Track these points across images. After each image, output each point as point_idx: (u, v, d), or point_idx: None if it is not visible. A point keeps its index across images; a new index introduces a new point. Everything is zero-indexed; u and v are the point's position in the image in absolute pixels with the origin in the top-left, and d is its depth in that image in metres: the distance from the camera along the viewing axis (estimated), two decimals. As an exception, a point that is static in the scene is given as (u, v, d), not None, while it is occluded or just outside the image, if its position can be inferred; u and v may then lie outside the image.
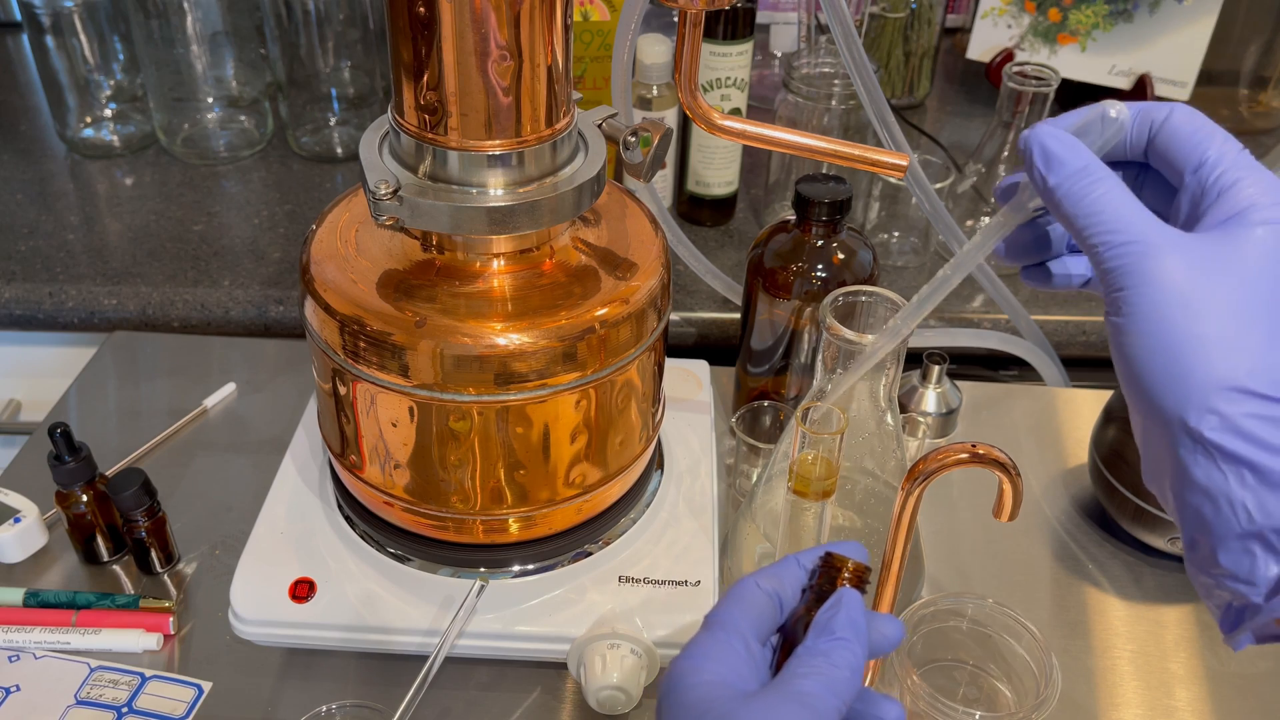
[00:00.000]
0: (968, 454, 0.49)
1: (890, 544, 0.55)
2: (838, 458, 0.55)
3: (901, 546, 0.54)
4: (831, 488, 0.56)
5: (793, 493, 0.57)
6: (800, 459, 0.56)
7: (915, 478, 0.51)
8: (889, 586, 0.56)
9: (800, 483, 0.57)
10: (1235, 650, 0.37)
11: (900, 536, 0.54)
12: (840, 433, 0.54)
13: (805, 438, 0.55)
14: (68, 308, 0.94)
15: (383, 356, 0.54)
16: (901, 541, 0.54)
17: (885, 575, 0.56)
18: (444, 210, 0.52)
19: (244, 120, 1.15)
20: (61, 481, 0.67)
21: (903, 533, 0.54)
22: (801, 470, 0.56)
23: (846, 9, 0.69)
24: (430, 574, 0.63)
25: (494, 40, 0.49)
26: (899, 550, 0.55)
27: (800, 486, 0.57)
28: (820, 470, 0.56)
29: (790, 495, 0.58)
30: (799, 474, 0.56)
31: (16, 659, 0.64)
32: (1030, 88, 0.92)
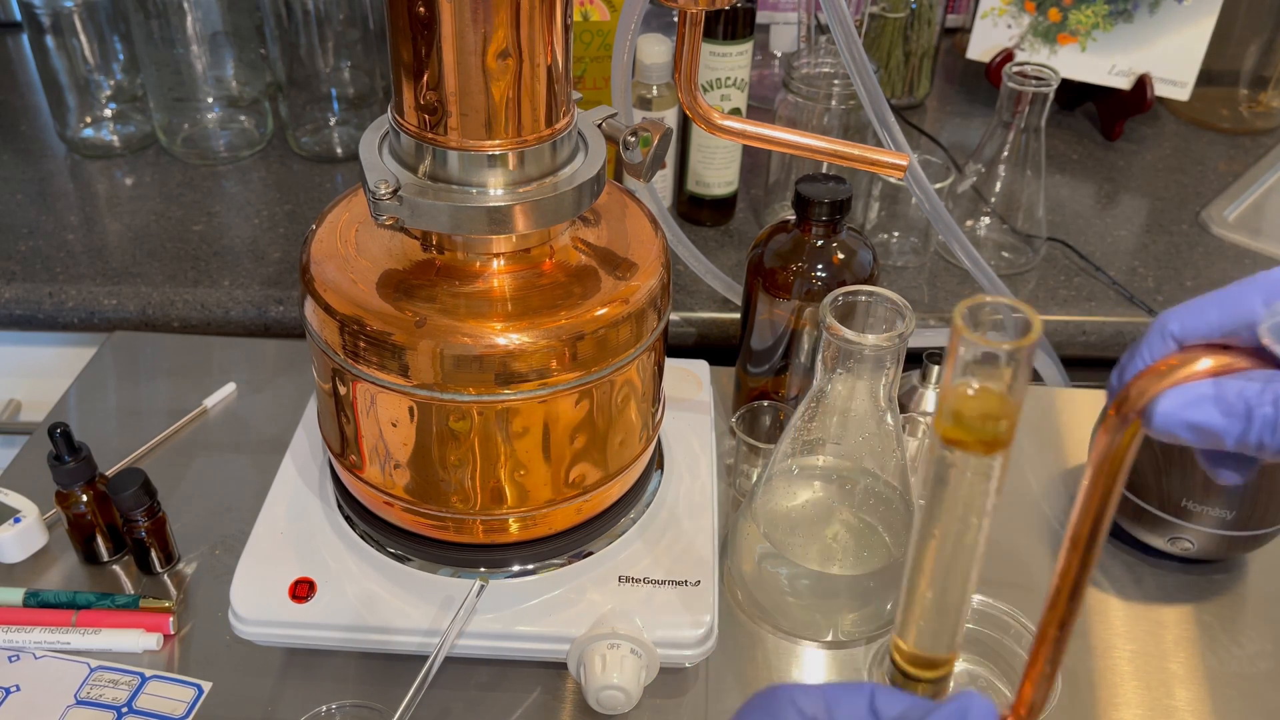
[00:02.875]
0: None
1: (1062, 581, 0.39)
2: (1016, 390, 0.36)
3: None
4: (1006, 434, 0.37)
5: (942, 442, 0.38)
6: (955, 390, 0.37)
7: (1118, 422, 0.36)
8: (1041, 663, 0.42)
9: (956, 423, 0.37)
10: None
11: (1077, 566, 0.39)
12: (1030, 343, 0.35)
13: (970, 354, 0.36)
14: (68, 308, 0.94)
15: (383, 356, 0.54)
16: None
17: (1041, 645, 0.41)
18: (444, 210, 0.52)
19: (244, 120, 1.15)
20: (61, 481, 0.67)
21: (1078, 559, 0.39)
22: (957, 405, 0.37)
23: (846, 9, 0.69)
24: (430, 574, 0.63)
25: (494, 40, 0.49)
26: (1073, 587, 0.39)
27: (954, 430, 0.37)
28: (989, 405, 0.37)
29: (938, 446, 0.39)
30: (954, 409, 0.37)
31: (16, 659, 0.64)
32: (1030, 88, 0.92)
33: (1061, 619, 0.40)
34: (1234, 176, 1.15)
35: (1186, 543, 0.69)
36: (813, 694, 0.36)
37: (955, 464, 0.39)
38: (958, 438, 0.38)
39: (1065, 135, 1.22)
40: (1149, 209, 1.10)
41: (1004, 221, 1.00)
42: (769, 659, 0.66)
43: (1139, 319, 0.94)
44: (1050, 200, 1.08)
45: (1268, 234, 1.06)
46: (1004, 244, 1.01)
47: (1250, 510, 0.66)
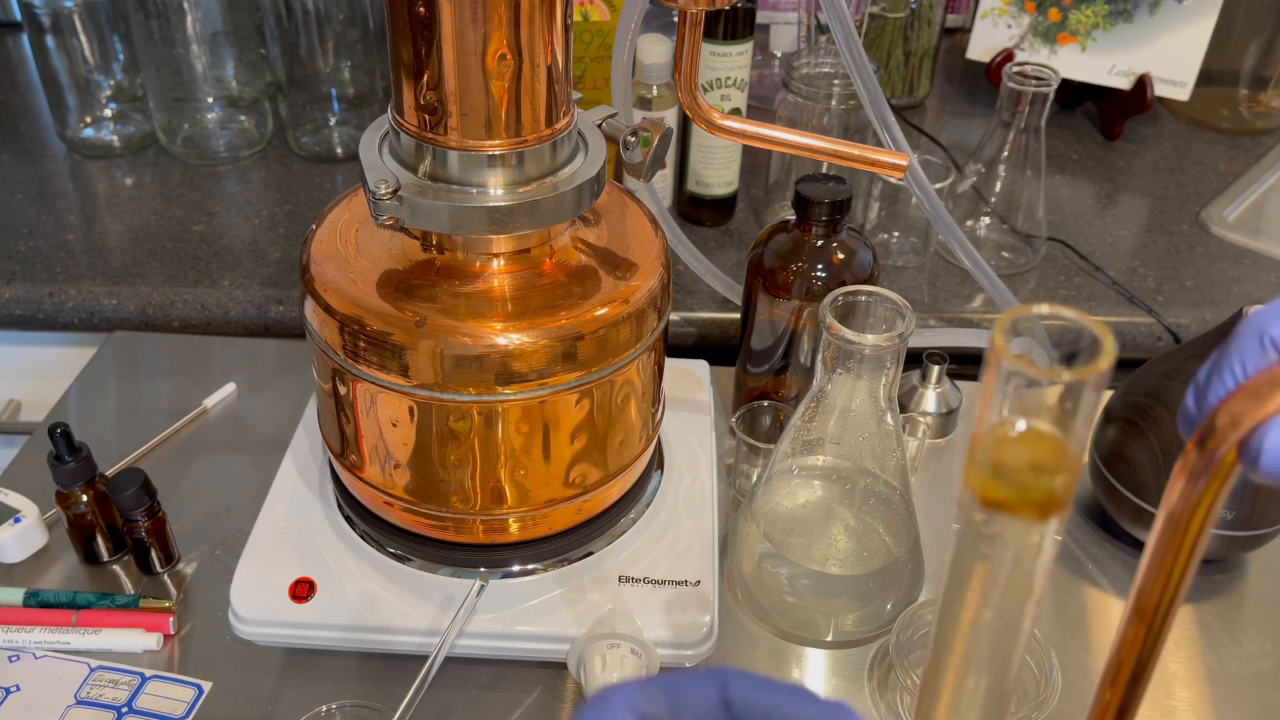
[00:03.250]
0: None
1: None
2: (1078, 432, 0.27)
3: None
4: (1064, 493, 0.28)
5: (978, 504, 0.28)
6: (995, 434, 0.27)
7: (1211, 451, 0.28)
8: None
9: (996, 478, 0.28)
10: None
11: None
12: (1101, 372, 0.26)
13: (1014, 385, 0.26)
14: (68, 308, 0.94)
15: (383, 356, 0.54)
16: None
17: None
18: (444, 210, 0.52)
19: (244, 120, 1.15)
20: (61, 481, 0.67)
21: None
22: (997, 453, 0.27)
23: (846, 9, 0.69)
24: (430, 574, 0.63)
25: (494, 40, 0.49)
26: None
27: (994, 488, 0.28)
28: (1042, 453, 0.27)
29: (971, 510, 0.29)
30: (993, 459, 0.27)
31: (16, 659, 0.64)
32: (1030, 88, 0.92)
33: (1122, 703, 0.32)
34: (1234, 176, 1.15)
35: (1186, 543, 0.69)
36: (653, 691, 0.30)
37: (996, 535, 0.28)
38: (999, 498, 0.27)
39: (1065, 135, 1.22)
40: (1149, 209, 1.10)
41: (1004, 221, 1.00)
42: (769, 659, 0.66)
43: (1139, 319, 0.94)
44: (1050, 200, 1.08)
45: (1268, 234, 1.06)
46: (1004, 244, 1.01)
47: (1250, 510, 0.66)
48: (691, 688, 0.30)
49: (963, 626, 0.33)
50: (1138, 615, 0.30)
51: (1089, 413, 0.27)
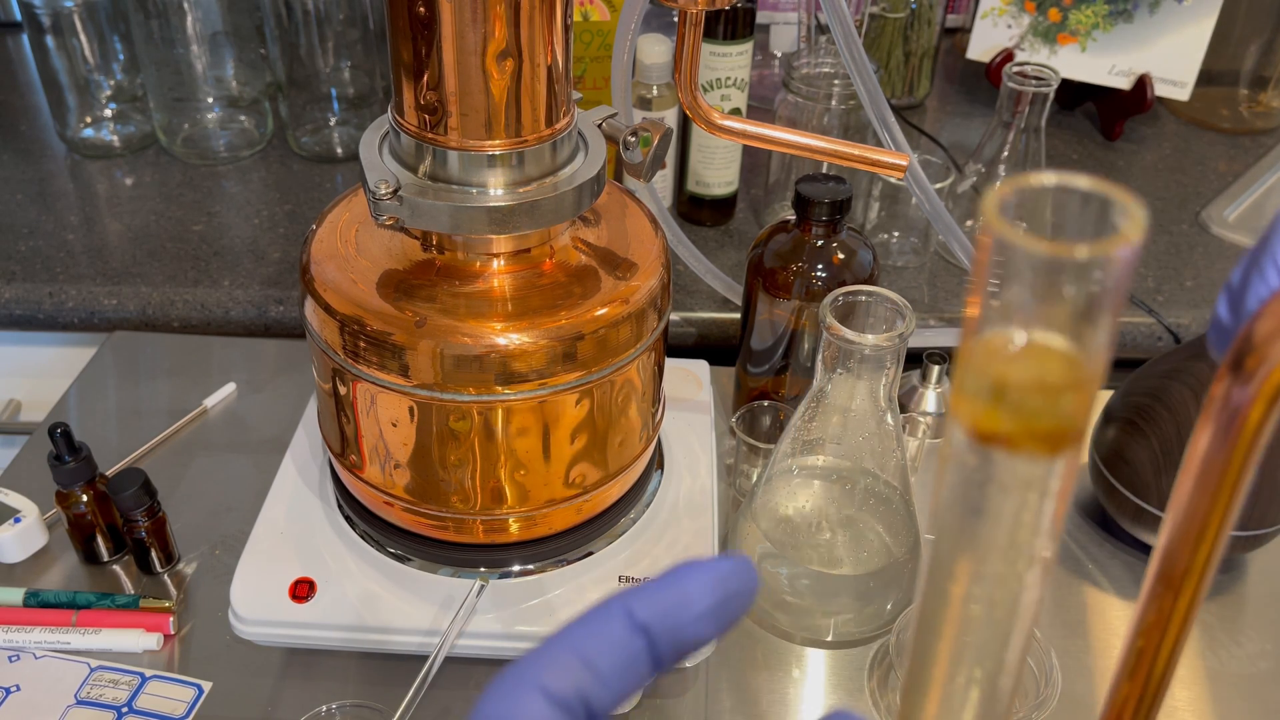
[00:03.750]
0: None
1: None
2: (1097, 341, 0.21)
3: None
4: (1079, 418, 0.22)
5: (972, 438, 0.23)
6: (989, 346, 0.22)
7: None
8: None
9: (995, 404, 0.22)
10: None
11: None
12: (1128, 247, 0.20)
13: (1014, 277, 0.20)
14: (68, 308, 0.94)
15: (383, 356, 0.54)
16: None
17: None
18: (444, 210, 0.52)
19: (244, 120, 1.15)
20: (61, 481, 0.67)
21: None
22: (994, 371, 0.22)
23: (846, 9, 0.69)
24: (430, 574, 0.63)
25: (494, 40, 0.49)
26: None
27: (992, 417, 0.22)
28: (1050, 370, 0.21)
29: (964, 446, 0.23)
30: (990, 380, 0.22)
31: (16, 659, 0.64)
32: (1030, 88, 0.92)
33: (1142, 694, 0.26)
34: (1234, 176, 1.15)
35: (1186, 543, 0.69)
36: (558, 654, 0.26)
37: (996, 475, 0.23)
38: (997, 430, 0.22)
39: (1065, 135, 1.22)
40: (1149, 209, 1.10)
41: (1004, 221, 1.00)
42: (769, 659, 0.66)
43: (1139, 319, 0.94)
44: (1050, 200, 1.08)
45: (1268, 234, 1.06)
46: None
47: (1250, 510, 0.66)
48: (597, 632, 0.26)
49: (953, 604, 0.26)
50: (1164, 585, 0.25)
51: (1113, 316, 0.20)
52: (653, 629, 0.26)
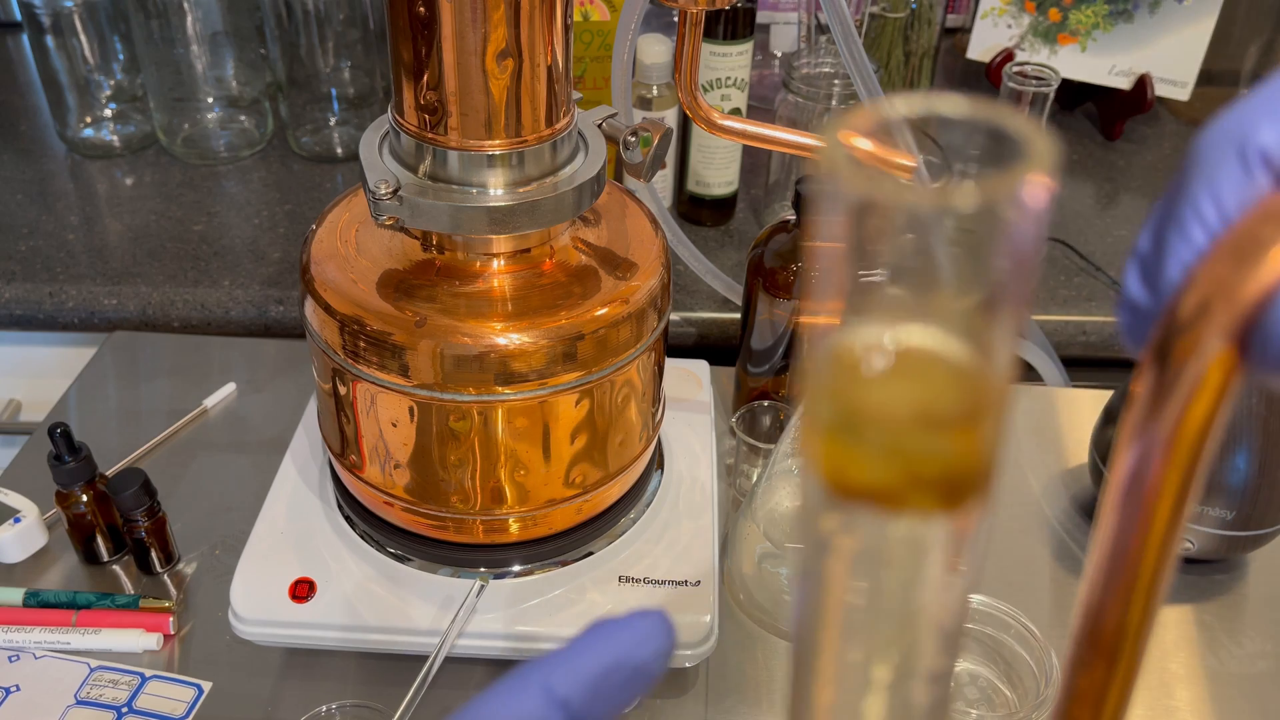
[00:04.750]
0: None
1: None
2: (999, 340, 0.15)
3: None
4: (986, 459, 0.16)
5: (828, 492, 0.16)
6: (841, 361, 0.15)
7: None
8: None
9: (854, 445, 0.15)
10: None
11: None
12: (1040, 188, 0.14)
13: (880, 243, 0.14)
14: (68, 308, 0.94)
15: (383, 356, 0.54)
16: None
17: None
18: (444, 210, 0.52)
19: (244, 120, 1.15)
20: (61, 481, 0.67)
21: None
22: (849, 397, 0.15)
23: (846, 9, 0.69)
24: (430, 574, 0.63)
25: (494, 40, 0.49)
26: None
27: (854, 466, 0.15)
28: (938, 390, 0.15)
29: (818, 501, 0.17)
30: (850, 411, 0.15)
31: (16, 659, 0.64)
32: (1030, 88, 0.92)
33: None
34: (1234, 176, 1.15)
35: (1187, 543, 0.69)
36: (576, 662, 0.24)
37: (864, 550, 0.17)
38: (864, 481, 0.16)
39: (1065, 135, 1.22)
40: (1149, 209, 1.10)
41: (1004, 221, 1.00)
42: (769, 659, 0.66)
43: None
44: (1050, 200, 1.08)
45: (1268, 234, 1.06)
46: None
47: (1250, 510, 0.66)
48: (513, 710, 0.24)
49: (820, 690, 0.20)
50: (1092, 649, 0.19)
51: (1018, 296, 0.14)
52: (573, 704, 0.23)
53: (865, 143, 0.15)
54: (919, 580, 0.17)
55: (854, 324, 0.14)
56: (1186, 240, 0.17)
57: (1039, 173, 0.14)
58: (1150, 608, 0.19)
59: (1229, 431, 0.64)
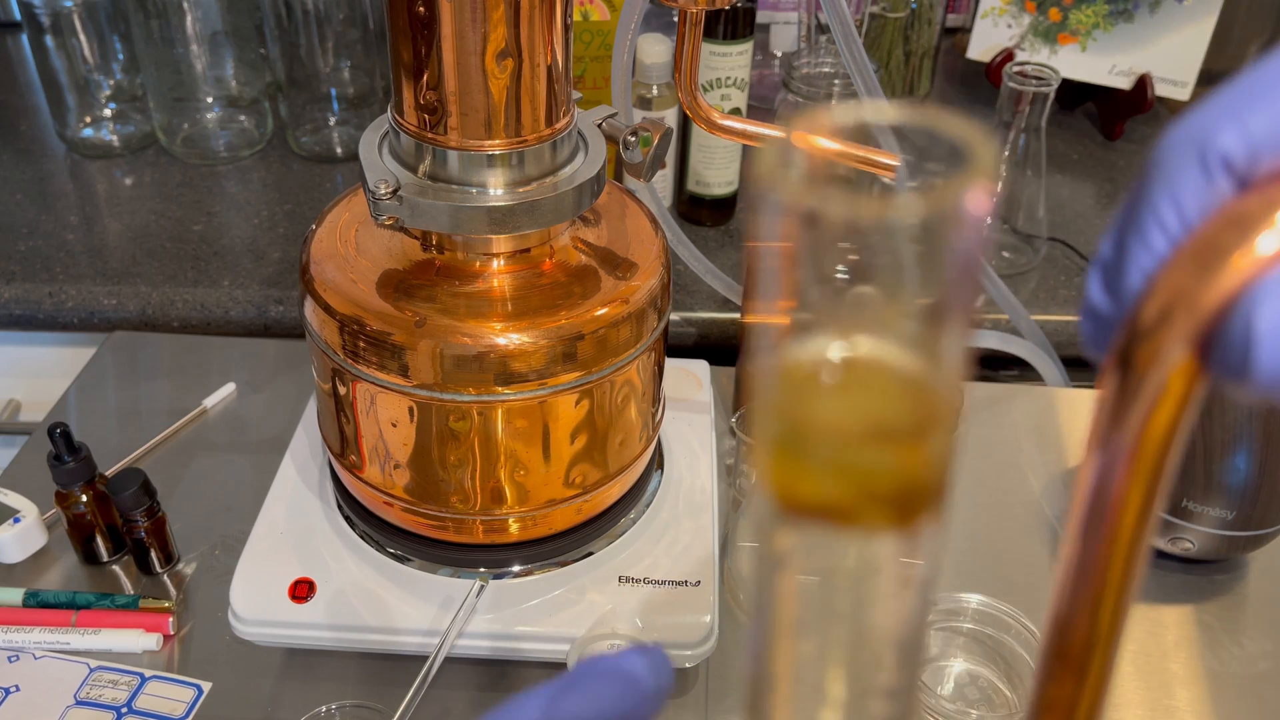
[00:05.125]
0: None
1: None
2: (950, 349, 0.15)
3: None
4: (938, 473, 0.16)
5: (781, 510, 0.16)
6: (793, 374, 0.15)
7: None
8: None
9: (805, 463, 0.15)
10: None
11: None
12: (979, 193, 0.14)
13: (826, 257, 0.14)
14: (67, 308, 0.94)
15: (382, 356, 0.54)
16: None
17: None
18: (444, 210, 0.52)
19: (244, 120, 1.15)
20: (61, 481, 0.67)
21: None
22: (798, 413, 0.15)
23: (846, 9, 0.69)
24: (430, 574, 0.62)
25: (494, 40, 0.49)
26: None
27: (806, 483, 0.15)
28: (888, 401, 0.15)
29: (769, 525, 0.17)
30: (799, 426, 0.15)
31: (16, 659, 0.64)
32: (1030, 87, 0.92)
33: None
34: (1234, 176, 1.15)
35: (1187, 543, 0.69)
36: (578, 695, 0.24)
37: (822, 563, 0.17)
38: (816, 498, 0.15)
39: (1065, 135, 1.22)
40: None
41: (1004, 221, 1.00)
42: (769, 659, 0.66)
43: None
44: (1051, 200, 1.08)
45: (1268, 234, 1.05)
46: (1004, 244, 1.01)
47: (1251, 510, 0.66)
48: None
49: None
50: (1060, 662, 0.19)
51: (964, 303, 0.14)
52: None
53: (831, 143, 0.15)
54: (873, 596, 0.17)
55: (799, 337, 0.14)
56: (1147, 247, 0.18)
57: (980, 180, 0.14)
58: (1118, 618, 0.19)
59: (1229, 431, 0.64)
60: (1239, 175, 0.17)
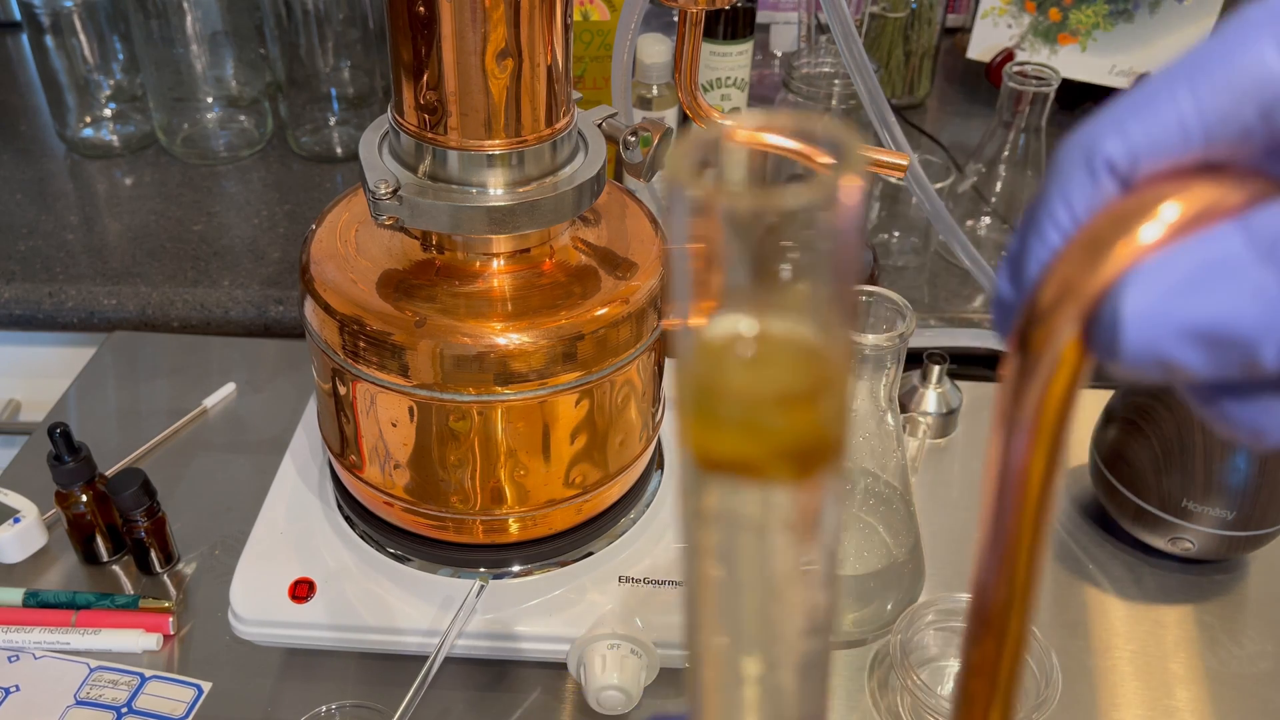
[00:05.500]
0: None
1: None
2: (840, 324, 0.17)
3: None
4: (835, 429, 0.18)
5: (699, 467, 0.18)
6: (711, 349, 0.17)
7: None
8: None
9: (719, 426, 0.18)
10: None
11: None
12: (850, 192, 0.16)
13: (733, 248, 0.16)
14: (67, 308, 0.94)
15: (382, 356, 0.54)
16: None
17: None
18: (444, 210, 0.52)
19: (244, 120, 1.15)
20: (61, 481, 0.67)
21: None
22: (717, 381, 0.17)
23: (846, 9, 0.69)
24: (430, 574, 0.62)
25: (494, 40, 0.49)
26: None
27: (721, 439, 0.18)
28: (788, 374, 0.17)
29: (692, 477, 0.19)
30: (708, 392, 0.17)
31: (16, 659, 0.64)
32: (1030, 87, 0.92)
33: None
34: (1234, 176, 1.15)
35: (1187, 543, 0.69)
36: None
37: (736, 514, 0.19)
38: (732, 454, 0.17)
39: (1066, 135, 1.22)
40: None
41: (1005, 221, 1.00)
42: (769, 659, 0.66)
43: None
44: (1050, 200, 1.08)
45: (1268, 234, 1.06)
46: (1005, 244, 1.01)
47: (1251, 510, 0.66)
48: None
49: (711, 663, 0.22)
50: (981, 624, 0.21)
51: (847, 285, 0.17)
52: None
53: (785, 140, 0.17)
54: (782, 544, 0.19)
55: (712, 317, 0.17)
56: (1043, 241, 0.20)
57: (851, 174, 0.16)
58: (1031, 579, 0.21)
59: (1229, 431, 0.64)
60: (1122, 177, 0.19)
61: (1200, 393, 0.20)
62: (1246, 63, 0.18)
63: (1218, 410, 0.20)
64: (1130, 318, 0.18)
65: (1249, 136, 0.19)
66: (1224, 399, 0.20)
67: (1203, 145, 0.19)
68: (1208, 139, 0.19)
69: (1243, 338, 0.17)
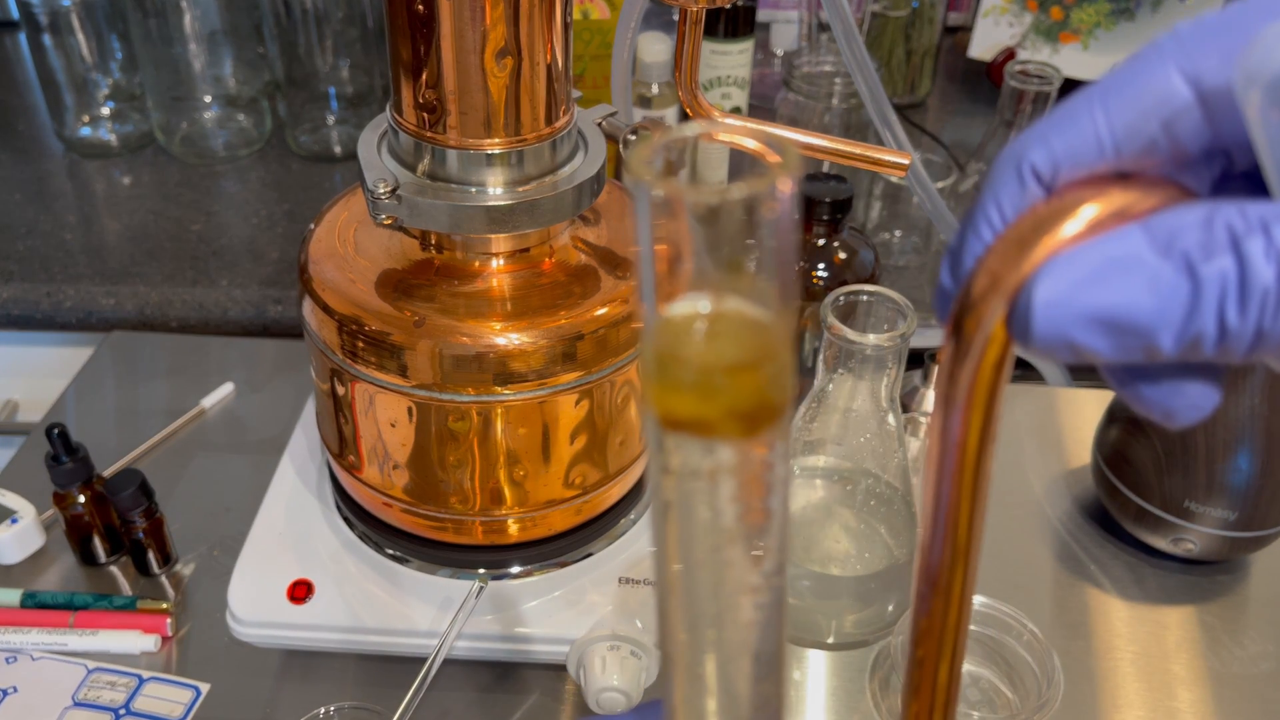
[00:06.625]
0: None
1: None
2: (781, 298, 0.20)
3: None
4: (778, 391, 0.21)
5: (661, 426, 0.21)
6: (670, 326, 0.21)
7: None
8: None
9: (677, 388, 0.21)
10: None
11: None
12: (788, 182, 0.19)
13: (686, 237, 0.19)
14: (65, 308, 0.94)
15: (381, 356, 0.54)
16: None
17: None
18: (443, 209, 0.52)
19: (242, 119, 1.15)
20: (59, 482, 0.67)
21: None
22: (677, 351, 0.21)
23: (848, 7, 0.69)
24: (429, 575, 0.62)
25: (493, 38, 0.49)
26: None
27: (681, 400, 0.21)
28: (736, 345, 0.21)
29: (656, 436, 0.22)
30: (668, 360, 0.21)
31: (14, 660, 0.64)
32: (1032, 87, 0.92)
33: (931, 706, 0.25)
34: (1235, 175, 1.15)
35: (1189, 544, 0.68)
36: None
37: (696, 469, 0.21)
38: (690, 414, 0.20)
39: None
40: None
41: (1005, 221, 1.00)
42: (770, 660, 0.66)
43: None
44: (1051, 199, 1.08)
45: (1270, 233, 1.05)
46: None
47: (1253, 511, 0.66)
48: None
49: (676, 617, 0.24)
50: (929, 586, 0.23)
51: (785, 268, 0.19)
52: None
53: (751, 142, 0.20)
54: (736, 492, 0.22)
55: (674, 297, 0.20)
56: (978, 237, 0.22)
57: (786, 172, 0.19)
58: (971, 540, 0.23)
59: (1231, 432, 0.64)
60: (1046, 184, 0.22)
61: (1117, 375, 0.23)
62: (1152, 84, 0.21)
63: (1132, 391, 0.23)
64: (1040, 305, 0.20)
65: (1154, 148, 0.21)
66: (1137, 381, 0.22)
67: (1114, 156, 0.22)
68: (1119, 150, 0.22)
69: (1141, 325, 0.20)
